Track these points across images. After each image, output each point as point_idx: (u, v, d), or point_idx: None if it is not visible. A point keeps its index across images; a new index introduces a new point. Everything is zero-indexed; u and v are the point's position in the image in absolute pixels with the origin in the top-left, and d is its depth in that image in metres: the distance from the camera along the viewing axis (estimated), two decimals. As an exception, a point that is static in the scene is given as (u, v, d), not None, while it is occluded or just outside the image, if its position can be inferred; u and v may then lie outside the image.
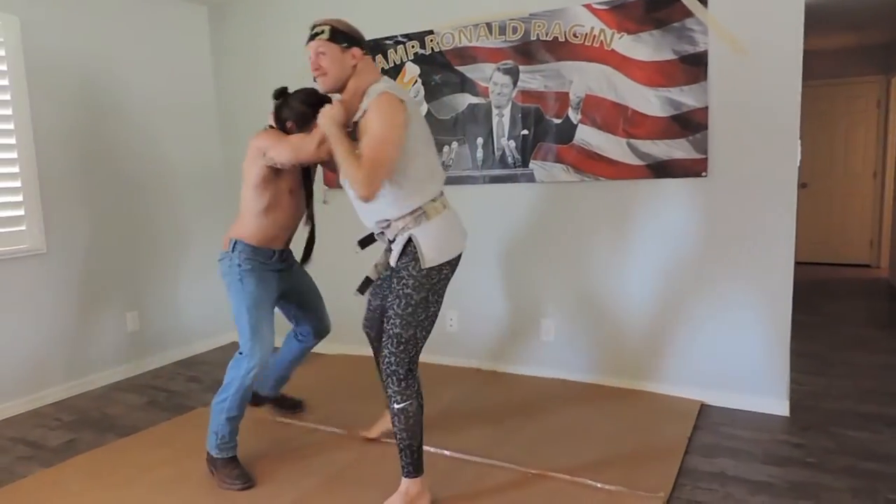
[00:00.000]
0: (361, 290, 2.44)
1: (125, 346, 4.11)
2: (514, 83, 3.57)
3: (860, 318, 4.93)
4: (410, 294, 2.24)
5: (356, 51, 2.25)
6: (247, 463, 2.71)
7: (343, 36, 2.24)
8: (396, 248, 2.28)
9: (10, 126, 3.46)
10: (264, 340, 2.62)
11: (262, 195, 2.58)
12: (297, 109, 2.53)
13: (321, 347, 4.28)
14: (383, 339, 2.30)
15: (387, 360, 2.28)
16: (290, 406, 3.31)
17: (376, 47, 3.90)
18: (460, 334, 3.97)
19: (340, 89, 2.28)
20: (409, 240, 2.25)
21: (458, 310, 3.93)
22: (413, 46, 3.83)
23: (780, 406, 3.14)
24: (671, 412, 3.17)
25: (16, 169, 3.49)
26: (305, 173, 2.74)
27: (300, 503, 2.44)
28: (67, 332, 3.78)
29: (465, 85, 3.71)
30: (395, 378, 2.26)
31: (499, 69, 3.60)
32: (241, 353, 2.62)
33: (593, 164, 3.42)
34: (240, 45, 4.52)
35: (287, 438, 3.02)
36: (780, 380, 3.14)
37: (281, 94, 2.60)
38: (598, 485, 2.47)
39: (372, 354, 2.91)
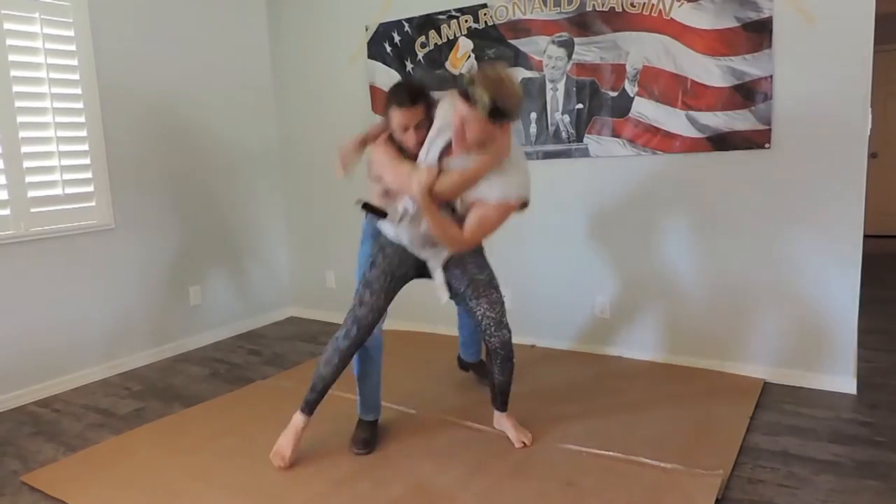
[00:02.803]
0: None
1: (188, 319, 4.24)
2: (569, 56, 3.51)
3: (932, 296, 4.72)
4: None
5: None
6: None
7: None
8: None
9: (80, 105, 3.58)
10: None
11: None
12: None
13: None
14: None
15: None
16: (486, 373, 3.28)
17: (429, 22, 3.89)
18: (514, 311, 3.92)
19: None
20: None
21: (512, 287, 3.92)
22: (466, 21, 3.79)
23: (847, 384, 3.04)
24: (732, 390, 3.10)
25: (85, 147, 3.61)
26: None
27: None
28: (133, 305, 3.92)
29: (519, 59, 3.66)
30: None
31: (553, 42, 3.54)
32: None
33: (650, 138, 3.35)
34: (296, 24, 4.56)
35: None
36: (848, 357, 3.04)
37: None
38: (654, 462, 2.43)
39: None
